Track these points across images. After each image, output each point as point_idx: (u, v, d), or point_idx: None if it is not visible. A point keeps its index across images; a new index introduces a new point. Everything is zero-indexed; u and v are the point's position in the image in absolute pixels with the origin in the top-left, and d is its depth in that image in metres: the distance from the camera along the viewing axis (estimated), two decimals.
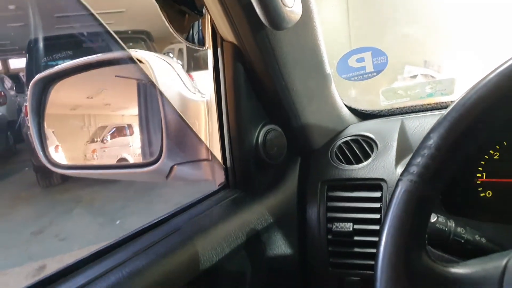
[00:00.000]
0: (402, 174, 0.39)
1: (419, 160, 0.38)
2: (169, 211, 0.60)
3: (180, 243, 0.51)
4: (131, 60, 0.70)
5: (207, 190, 0.69)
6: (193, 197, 0.65)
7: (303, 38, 0.64)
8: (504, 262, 0.35)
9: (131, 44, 5.32)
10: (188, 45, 0.62)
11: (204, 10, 0.57)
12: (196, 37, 0.63)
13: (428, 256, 0.37)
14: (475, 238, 0.48)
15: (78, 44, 5.04)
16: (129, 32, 5.51)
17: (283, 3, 0.44)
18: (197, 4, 0.56)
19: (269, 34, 0.56)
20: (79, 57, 0.75)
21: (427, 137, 0.38)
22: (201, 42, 0.63)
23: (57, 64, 4.83)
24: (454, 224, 0.48)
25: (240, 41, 0.57)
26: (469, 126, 0.37)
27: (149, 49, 5.36)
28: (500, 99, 0.36)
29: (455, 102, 0.38)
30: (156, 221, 0.56)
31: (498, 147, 0.62)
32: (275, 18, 0.45)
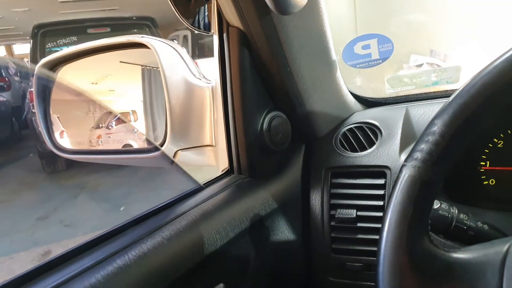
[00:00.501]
0: (406, 160, 0.39)
1: (423, 146, 0.38)
2: (171, 196, 0.61)
3: (185, 227, 0.52)
4: (136, 45, 0.70)
5: (210, 176, 0.70)
6: (196, 183, 0.66)
7: (309, 24, 0.63)
8: (505, 247, 0.35)
9: (135, 30, 5.29)
10: (194, 30, 0.62)
11: None
12: (202, 22, 0.62)
13: (430, 241, 0.38)
14: (477, 224, 0.48)
15: (83, 30, 5.03)
16: (134, 18, 5.48)
17: None
18: None
19: (275, 19, 0.56)
20: (83, 42, 0.75)
21: (431, 123, 0.38)
22: (207, 28, 0.63)
23: (61, 50, 4.82)
24: (456, 211, 0.48)
25: (246, 26, 0.57)
26: (473, 113, 0.37)
27: (153, 35, 5.33)
28: (505, 86, 0.36)
29: (460, 89, 0.38)
30: (161, 205, 0.57)
31: (502, 135, 0.62)
32: (282, 3, 0.45)
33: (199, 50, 5.87)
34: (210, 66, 0.68)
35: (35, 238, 3.00)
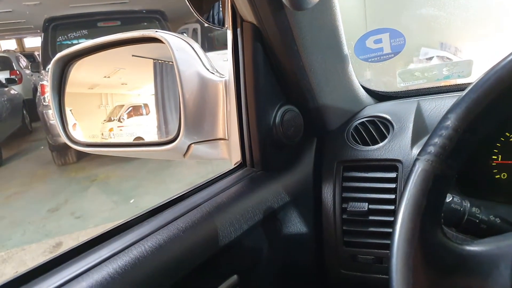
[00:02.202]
0: (419, 154, 0.40)
1: (436, 140, 0.38)
2: (181, 190, 0.62)
3: (199, 219, 0.53)
4: (150, 39, 0.71)
5: (220, 170, 0.71)
6: (205, 177, 0.66)
7: (322, 19, 0.64)
8: None
9: (145, 23, 5.31)
10: (208, 25, 0.63)
11: None
12: (216, 17, 0.63)
13: (443, 233, 0.38)
14: (489, 218, 0.48)
15: (93, 23, 5.05)
16: (144, 11, 5.49)
17: None
18: None
19: (289, 15, 0.56)
20: (94, 37, 0.76)
21: (444, 117, 0.39)
22: (221, 23, 0.63)
23: (72, 44, 4.86)
24: (469, 204, 0.49)
25: (260, 21, 0.58)
26: (486, 108, 0.37)
27: (163, 28, 5.34)
28: None
29: (474, 83, 0.38)
30: (175, 197, 0.58)
31: None
32: None
33: (209, 44, 5.87)
34: (219, 59, 0.68)
35: (47, 230, 3.06)
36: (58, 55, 0.78)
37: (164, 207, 0.56)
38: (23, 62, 8.51)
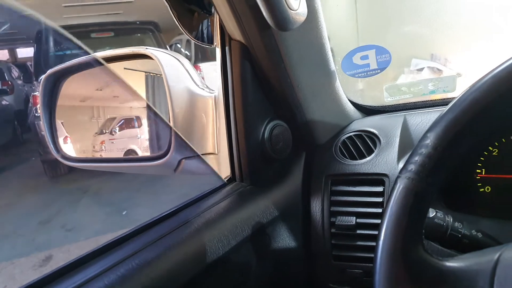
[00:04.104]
0: (400, 172, 0.41)
1: (416, 158, 0.40)
2: (174, 201, 0.62)
3: (188, 235, 0.53)
4: (140, 56, 0.72)
5: (212, 182, 0.71)
6: (198, 188, 0.67)
7: (308, 37, 0.65)
8: (496, 256, 0.37)
9: (139, 34, 5.32)
10: (197, 43, 0.64)
11: (213, 9, 0.59)
12: (205, 35, 0.64)
13: (424, 249, 0.39)
14: (471, 232, 0.50)
15: (86, 34, 5.05)
16: (137, 22, 5.51)
17: (288, 6, 0.46)
18: (205, 3, 0.58)
19: (275, 34, 0.58)
20: (87, 47, 0.76)
21: (424, 136, 0.40)
22: (210, 40, 0.65)
23: (65, 54, 4.85)
24: (452, 219, 0.50)
25: (248, 40, 0.59)
26: (464, 127, 0.38)
27: (157, 39, 5.36)
28: (494, 101, 0.37)
29: (452, 103, 0.40)
30: (164, 214, 0.59)
31: (497, 144, 0.63)
32: (281, 21, 0.47)
33: (202, 54, 5.90)
34: (213, 70, 0.69)
35: (37, 243, 3.00)
36: (49, 71, 0.79)
37: (153, 224, 0.56)
38: (15, 72, 8.46)
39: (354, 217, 0.68)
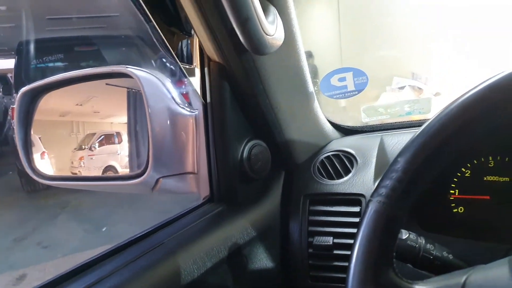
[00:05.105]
0: (372, 195, 0.42)
1: (387, 182, 0.41)
2: (156, 217, 0.61)
3: (162, 257, 0.52)
4: (121, 75, 0.72)
5: (192, 201, 0.71)
6: (181, 204, 0.66)
7: (286, 60, 0.67)
8: (463, 279, 0.37)
9: (124, 48, 5.29)
10: (174, 65, 0.64)
11: (193, 31, 0.60)
12: (184, 55, 0.65)
13: (395, 273, 0.40)
14: (443, 254, 0.50)
15: (70, 48, 5.00)
16: (122, 36, 5.49)
17: (264, 32, 0.47)
18: (185, 26, 0.58)
19: (253, 57, 0.59)
20: (70, 60, 0.76)
21: (395, 161, 0.41)
22: (190, 60, 0.65)
23: (47, 67, 4.78)
24: (424, 241, 0.51)
25: (226, 62, 0.60)
26: (432, 152, 0.40)
27: (142, 54, 5.34)
28: (460, 128, 0.39)
29: (421, 129, 0.41)
30: (139, 235, 0.58)
31: (469, 165, 0.65)
32: (257, 45, 0.48)
33: (187, 69, 5.89)
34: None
35: (11, 261, 2.90)
36: (26, 87, 0.78)
37: (127, 246, 0.55)
38: None
39: (332, 237, 0.68)
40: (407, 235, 0.51)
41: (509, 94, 0.38)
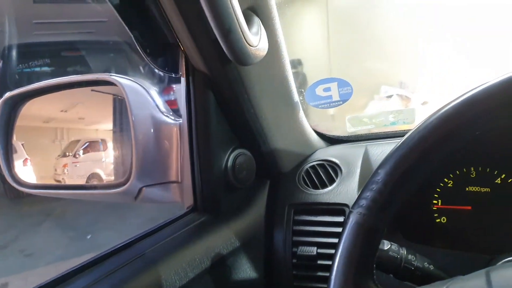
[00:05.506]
0: (352, 207, 0.42)
1: (368, 194, 0.41)
2: (142, 225, 0.60)
3: (142, 268, 0.52)
4: (105, 82, 0.71)
5: (176, 210, 0.70)
6: (168, 212, 0.65)
7: (271, 70, 0.67)
8: None
9: (112, 54, 5.26)
10: (162, 72, 0.64)
11: (178, 40, 0.60)
12: (170, 64, 0.65)
13: (375, 284, 0.40)
14: (424, 265, 0.51)
15: (56, 52, 4.95)
16: (110, 42, 5.46)
17: (247, 43, 0.47)
18: (170, 36, 0.58)
19: (238, 67, 0.59)
20: (57, 65, 0.75)
21: (375, 172, 0.42)
22: (175, 70, 0.65)
23: (33, 72, 4.72)
24: (405, 252, 0.51)
25: (211, 71, 0.60)
26: (412, 164, 0.40)
27: (130, 59, 5.31)
28: (439, 140, 0.39)
29: (401, 141, 0.41)
30: (119, 246, 0.57)
31: (451, 176, 0.66)
32: (240, 56, 0.48)
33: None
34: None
35: None
36: (8, 94, 0.77)
37: (107, 256, 0.54)
38: None
39: (316, 247, 0.68)
40: (389, 246, 0.51)
41: (488, 106, 0.39)
